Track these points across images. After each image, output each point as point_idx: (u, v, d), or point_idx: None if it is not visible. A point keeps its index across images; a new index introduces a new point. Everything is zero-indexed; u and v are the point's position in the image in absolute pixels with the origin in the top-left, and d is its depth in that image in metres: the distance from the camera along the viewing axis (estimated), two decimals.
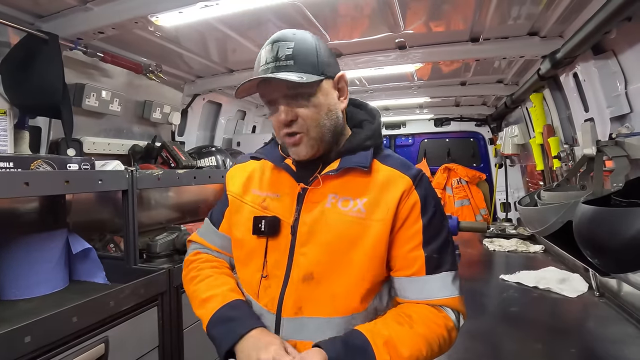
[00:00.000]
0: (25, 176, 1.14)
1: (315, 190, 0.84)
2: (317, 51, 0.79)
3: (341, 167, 0.82)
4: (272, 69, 0.76)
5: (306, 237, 0.82)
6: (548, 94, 2.16)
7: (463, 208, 3.92)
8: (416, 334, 0.75)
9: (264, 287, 0.84)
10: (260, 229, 0.84)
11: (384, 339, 0.73)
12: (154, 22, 1.41)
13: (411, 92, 2.96)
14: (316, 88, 0.79)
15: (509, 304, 1.46)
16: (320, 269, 0.80)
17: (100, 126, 2.05)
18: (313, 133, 0.80)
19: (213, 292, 0.87)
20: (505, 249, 2.31)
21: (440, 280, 0.81)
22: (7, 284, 1.38)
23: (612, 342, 1.14)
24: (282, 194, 0.87)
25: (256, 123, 3.51)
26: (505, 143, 3.04)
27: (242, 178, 0.96)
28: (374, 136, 0.88)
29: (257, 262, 0.86)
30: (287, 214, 0.85)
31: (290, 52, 0.76)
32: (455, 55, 1.93)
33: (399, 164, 0.86)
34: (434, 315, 0.79)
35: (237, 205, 0.93)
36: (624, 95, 1.43)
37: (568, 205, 1.23)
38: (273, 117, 0.83)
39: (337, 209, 0.82)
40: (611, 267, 0.95)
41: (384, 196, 0.81)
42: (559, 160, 2.06)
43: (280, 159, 0.89)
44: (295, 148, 0.82)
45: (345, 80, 0.85)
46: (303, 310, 0.80)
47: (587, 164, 1.55)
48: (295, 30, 0.80)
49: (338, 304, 0.80)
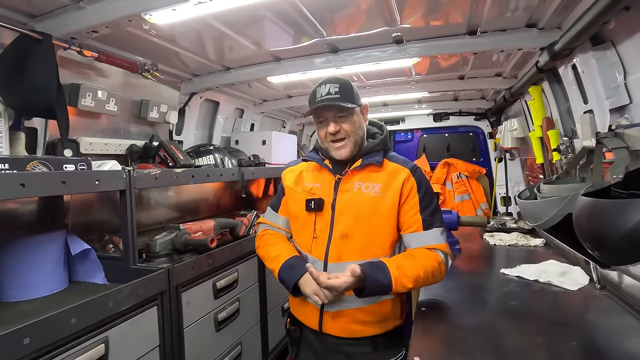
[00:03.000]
0: (21, 177, 1.13)
1: (346, 180, 1.29)
2: (353, 90, 1.25)
3: (363, 163, 1.27)
4: (327, 100, 1.21)
5: (342, 210, 1.26)
6: (547, 86, 2.14)
7: (463, 203, 3.90)
8: (417, 263, 1.17)
9: (315, 245, 1.29)
10: (311, 207, 1.29)
11: (396, 264, 1.16)
12: (148, 20, 1.40)
13: (409, 87, 2.94)
14: (352, 112, 1.25)
15: (509, 297, 1.46)
16: (352, 230, 1.24)
17: (97, 126, 2.04)
18: (352, 139, 1.26)
19: (279, 252, 1.32)
20: (506, 243, 2.31)
21: (432, 233, 1.24)
22: (7, 286, 1.37)
23: (613, 334, 1.14)
24: (323, 183, 1.33)
25: (254, 121, 3.49)
26: (505, 137, 3.02)
27: (293, 176, 1.41)
28: (382, 143, 1.34)
29: (309, 229, 1.31)
30: (328, 196, 1.30)
31: (337, 89, 1.22)
32: (453, 48, 1.92)
33: (401, 161, 1.32)
34: (428, 253, 1.21)
35: (292, 194, 1.38)
36: (624, 86, 1.41)
37: (568, 198, 1.22)
38: (322, 130, 1.28)
39: (362, 192, 1.26)
40: (611, 259, 0.94)
41: (392, 182, 1.26)
42: (559, 153, 2.04)
43: (321, 160, 1.35)
44: (339, 150, 1.27)
45: (366, 109, 1.34)
46: (342, 257, 1.23)
47: (586, 156, 1.54)
48: (339, 76, 1.27)
49: (365, 252, 1.23)
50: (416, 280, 1.15)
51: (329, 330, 1.27)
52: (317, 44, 1.98)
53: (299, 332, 1.37)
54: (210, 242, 1.77)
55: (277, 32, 1.81)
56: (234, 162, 2.57)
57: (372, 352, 1.27)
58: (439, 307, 1.39)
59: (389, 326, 1.28)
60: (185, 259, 1.72)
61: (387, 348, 1.29)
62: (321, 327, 1.28)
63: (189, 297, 1.63)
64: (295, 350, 1.40)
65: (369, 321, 1.25)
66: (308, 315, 1.32)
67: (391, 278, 1.13)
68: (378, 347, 1.27)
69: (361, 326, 1.25)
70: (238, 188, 2.65)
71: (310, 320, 1.31)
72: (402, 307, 1.33)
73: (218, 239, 1.96)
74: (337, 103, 1.20)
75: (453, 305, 1.41)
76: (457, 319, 1.29)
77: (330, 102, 1.20)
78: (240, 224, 2.26)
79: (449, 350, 1.07)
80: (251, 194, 3.29)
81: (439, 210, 1.30)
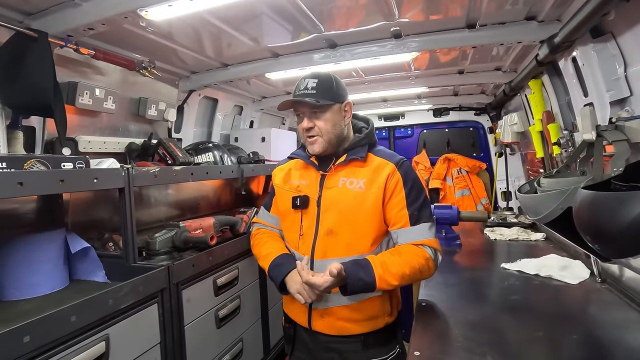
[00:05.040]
0: (18, 176, 1.12)
1: (331, 176, 1.29)
2: (333, 87, 1.23)
3: (347, 159, 1.26)
4: (302, 95, 1.21)
5: (327, 207, 1.26)
6: (547, 80, 2.13)
7: (464, 198, 3.90)
8: (402, 260, 1.16)
9: (302, 242, 1.30)
10: (296, 204, 1.29)
11: (380, 261, 1.15)
12: (144, 17, 1.39)
13: (409, 82, 2.93)
14: (327, 109, 1.23)
15: (510, 292, 1.45)
16: (337, 227, 1.24)
17: (95, 125, 2.04)
18: (325, 137, 1.24)
19: (269, 251, 1.34)
20: (507, 238, 2.30)
21: (420, 229, 1.21)
22: (7, 285, 1.37)
23: (614, 327, 1.13)
24: (310, 180, 1.33)
25: (253, 118, 3.48)
26: (505, 131, 3.01)
27: (282, 174, 1.43)
28: (368, 136, 1.32)
29: (296, 227, 1.32)
30: (313, 193, 1.30)
31: (315, 85, 1.21)
32: (452, 42, 1.91)
33: (387, 155, 1.30)
34: (415, 249, 1.19)
35: (281, 192, 1.39)
36: (624, 78, 1.40)
37: (568, 192, 1.22)
38: (300, 125, 1.27)
39: (346, 188, 1.25)
40: (612, 252, 0.94)
41: (376, 177, 1.24)
42: (559, 146, 2.03)
43: (307, 157, 1.35)
44: (311, 146, 1.26)
45: (350, 105, 1.30)
46: (327, 254, 1.23)
47: (586, 150, 1.53)
48: (321, 72, 1.26)
49: (350, 248, 1.22)
50: (402, 278, 1.14)
51: (318, 328, 1.28)
52: (315, 40, 1.97)
53: (293, 330, 1.38)
54: (210, 239, 1.77)
55: (275, 27, 1.80)
56: (233, 160, 2.56)
57: (362, 350, 1.26)
58: (439, 302, 1.38)
59: (379, 324, 1.27)
60: (185, 256, 1.71)
61: (379, 345, 1.28)
62: (310, 325, 1.29)
63: (190, 295, 1.63)
64: (291, 348, 1.41)
65: (356, 319, 1.25)
66: (298, 312, 1.33)
67: (375, 276, 1.12)
68: (369, 344, 1.27)
69: (349, 324, 1.25)
70: (238, 185, 2.65)
71: (300, 317, 1.32)
72: (392, 304, 1.31)
73: (218, 236, 1.95)
74: (307, 100, 1.19)
75: (454, 300, 1.41)
76: (458, 314, 1.28)
77: (302, 97, 1.20)
78: (240, 221, 2.25)
79: (450, 345, 1.07)
80: (251, 191, 3.29)
81: (428, 205, 1.27)
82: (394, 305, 1.32)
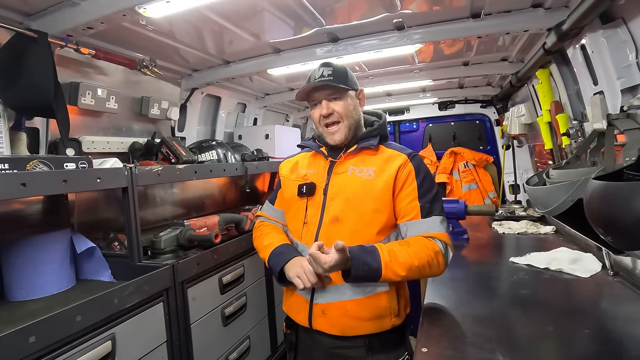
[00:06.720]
0: (21, 177, 1.13)
1: (340, 164, 1.28)
2: (347, 74, 1.26)
3: (357, 147, 1.26)
4: (319, 81, 1.21)
5: (333, 194, 1.24)
6: (555, 69, 2.08)
7: (471, 192, 3.85)
8: (411, 251, 1.11)
9: (305, 231, 1.27)
10: (302, 191, 1.28)
11: (388, 249, 1.11)
12: (142, 14, 1.37)
13: (413, 75, 2.88)
14: (345, 94, 1.24)
15: (519, 286, 1.43)
16: (342, 214, 1.21)
17: (98, 125, 2.04)
18: (346, 123, 1.25)
19: (270, 241, 1.32)
20: (515, 231, 2.27)
21: (431, 221, 1.18)
22: (15, 285, 1.39)
23: (627, 321, 1.10)
24: (317, 169, 1.32)
25: (257, 115, 3.46)
26: (512, 123, 2.96)
27: (289, 165, 1.43)
28: (380, 128, 1.32)
29: (300, 215, 1.29)
30: (320, 181, 1.28)
31: (331, 72, 1.22)
32: (456, 33, 1.86)
33: (398, 148, 1.30)
34: (425, 241, 1.15)
35: (287, 182, 1.39)
36: (635, 65, 1.35)
37: (578, 183, 1.18)
38: (316, 113, 1.26)
39: (355, 175, 1.24)
40: (625, 244, 0.90)
41: (387, 167, 1.22)
42: (568, 137, 1.98)
43: (317, 146, 1.35)
44: (332, 136, 1.26)
45: (363, 94, 1.33)
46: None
47: (597, 140, 1.49)
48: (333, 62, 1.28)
49: (356, 237, 1.17)
50: (409, 269, 1.09)
51: (320, 326, 1.21)
52: (316, 34, 1.94)
53: (295, 336, 1.33)
54: (214, 237, 1.77)
55: (276, 23, 1.78)
56: (237, 157, 2.55)
57: (368, 356, 1.19)
58: (447, 297, 1.36)
59: (386, 325, 1.19)
60: (190, 255, 1.71)
61: (386, 350, 1.20)
62: (311, 323, 1.22)
63: (195, 293, 1.63)
64: (293, 355, 1.35)
65: (360, 317, 1.17)
66: (298, 309, 1.27)
67: (381, 262, 1.07)
68: (374, 349, 1.19)
69: (353, 321, 1.17)
70: (242, 183, 2.65)
71: (300, 316, 1.25)
72: (399, 303, 1.22)
73: (223, 234, 1.95)
74: (329, 83, 1.20)
75: (462, 294, 1.39)
76: (466, 309, 1.26)
77: (322, 82, 1.20)
78: (245, 219, 2.25)
79: (458, 341, 1.05)
80: (256, 189, 3.28)
81: (440, 199, 1.23)
82: (401, 305, 1.23)
